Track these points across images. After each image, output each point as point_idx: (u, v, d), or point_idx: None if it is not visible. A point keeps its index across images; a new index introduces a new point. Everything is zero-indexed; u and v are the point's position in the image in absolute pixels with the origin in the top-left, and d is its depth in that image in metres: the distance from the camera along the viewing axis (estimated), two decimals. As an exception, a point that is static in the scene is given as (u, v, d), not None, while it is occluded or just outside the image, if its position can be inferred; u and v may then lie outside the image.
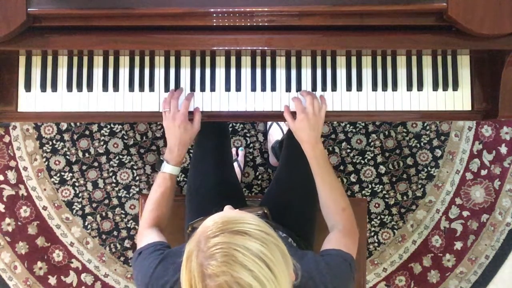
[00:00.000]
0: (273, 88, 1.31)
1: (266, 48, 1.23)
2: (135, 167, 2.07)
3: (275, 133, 2.02)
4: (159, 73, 1.32)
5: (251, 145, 2.07)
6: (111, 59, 1.31)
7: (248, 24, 1.20)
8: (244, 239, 0.77)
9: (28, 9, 1.15)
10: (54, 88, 1.31)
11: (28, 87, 1.30)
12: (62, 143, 2.06)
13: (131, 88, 1.31)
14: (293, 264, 0.85)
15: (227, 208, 0.96)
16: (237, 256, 0.76)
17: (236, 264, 0.75)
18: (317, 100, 1.24)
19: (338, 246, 1.09)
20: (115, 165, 2.06)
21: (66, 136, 2.06)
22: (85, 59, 1.31)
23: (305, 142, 1.23)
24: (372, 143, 2.06)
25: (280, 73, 1.31)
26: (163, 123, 1.27)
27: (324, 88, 1.30)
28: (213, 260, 0.76)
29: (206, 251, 0.77)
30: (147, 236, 1.17)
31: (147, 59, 1.31)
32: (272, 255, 0.78)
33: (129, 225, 2.07)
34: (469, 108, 1.31)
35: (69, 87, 1.31)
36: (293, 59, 1.31)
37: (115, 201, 2.07)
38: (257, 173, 2.07)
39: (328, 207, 1.22)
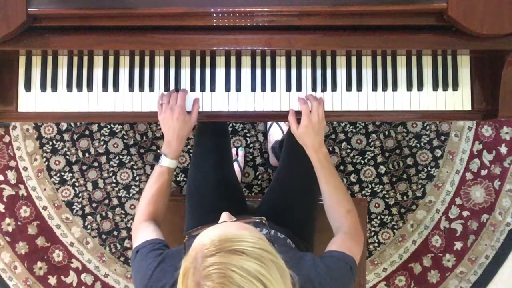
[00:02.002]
0: (273, 88, 1.31)
1: (266, 48, 1.23)
2: (135, 167, 2.07)
3: (275, 133, 2.02)
4: (159, 73, 1.32)
5: (251, 145, 2.07)
6: (111, 59, 1.31)
7: (248, 24, 1.20)
8: (241, 259, 0.76)
9: (28, 9, 1.15)
10: (54, 88, 1.31)
11: (28, 87, 1.30)
12: (62, 143, 2.06)
13: (131, 88, 1.31)
14: (291, 276, 0.83)
15: (225, 216, 0.94)
16: (234, 277, 0.74)
17: (232, 286, 0.73)
18: (322, 107, 1.24)
19: (341, 248, 1.08)
20: (115, 165, 2.06)
21: (66, 136, 2.06)
22: (85, 59, 1.31)
23: (309, 147, 1.22)
24: (372, 143, 2.06)
25: (280, 73, 1.31)
26: (158, 117, 1.25)
27: (324, 88, 1.30)
28: (210, 280, 0.74)
29: (202, 271, 0.76)
30: (143, 231, 1.16)
31: (147, 59, 1.31)
32: (269, 274, 0.76)
33: (129, 225, 2.07)
34: (469, 108, 1.31)
35: (69, 87, 1.31)
36: (293, 59, 1.31)
37: (115, 201, 2.07)
38: (257, 173, 2.07)
39: (333, 209, 1.22)
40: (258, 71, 1.31)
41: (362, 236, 1.19)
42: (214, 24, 1.19)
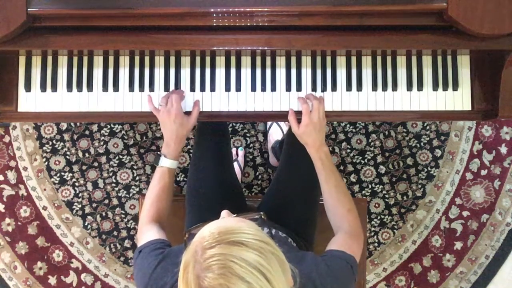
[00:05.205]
0: (273, 88, 1.31)
1: (266, 48, 1.23)
2: (135, 167, 2.07)
3: (275, 133, 2.02)
4: (159, 73, 1.32)
5: (251, 145, 2.07)
6: (111, 59, 1.31)
7: (248, 24, 1.20)
8: (241, 250, 0.76)
9: (28, 9, 1.15)
10: (54, 88, 1.31)
11: (28, 87, 1.30)
12: (62, 143, 2.06)
13: (131, 88, 1.31)
14: (291, 270, 0.84)
15: (224, 213, 0.94)
16: (234, 268, 0.74)
17: (233, 276, 0.74)
18: (323, 106, 1.23)
19: (342, 247, 1.08)
20: (115, 165, 2.06)
21: (66, 136, 2.06)
22: (85, 59, 1.31)
23: (310, 146, 1.22)
24: (372, 143, 2.06)
25: (280, 73, 1.31)
26: (158, 118, 1.27)
27: (324, 88, 1.30)
28: (210, 272, 0.75)
29: (202, 263, 0.76)
30: (146, 232, 1.16)
31: (147, 59, 1.31)
32: (269, 265, 0.77)
33: (129, 225, 2.07)
34: (469, 108, 1.31)
35: (69, 87, 1.31)
36: (293, 59, 1.31)
37: (115, 201, 2.07)
38: (257, 173, 2.07)
39: (333, 208, 1.22)
40: (258, 71, 1.31)
41: (362, 235, 1.19)
42: (214, 24, 1.19)
